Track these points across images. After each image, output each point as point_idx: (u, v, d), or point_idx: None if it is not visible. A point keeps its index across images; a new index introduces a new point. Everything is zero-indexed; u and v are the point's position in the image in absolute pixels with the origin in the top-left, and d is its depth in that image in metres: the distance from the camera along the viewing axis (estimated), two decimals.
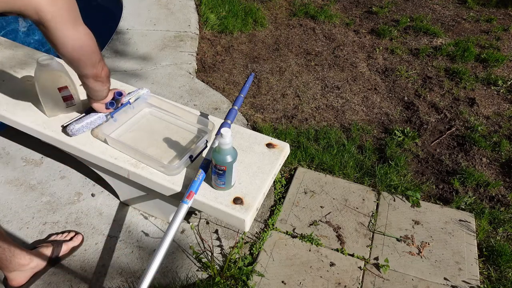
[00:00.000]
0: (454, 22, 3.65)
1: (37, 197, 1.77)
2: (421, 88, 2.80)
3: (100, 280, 1.50)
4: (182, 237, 1.68)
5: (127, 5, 3.29)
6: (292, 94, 2.67)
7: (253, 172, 1.38)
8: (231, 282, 1.54)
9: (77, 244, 1.58)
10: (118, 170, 1.39)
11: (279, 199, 1.93)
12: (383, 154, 2.21)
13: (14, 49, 1.90)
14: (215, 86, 2.63)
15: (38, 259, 1.43)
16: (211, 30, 3.23)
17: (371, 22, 3.62)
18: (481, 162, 2.23)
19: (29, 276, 1.42)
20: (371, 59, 3.09)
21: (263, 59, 3.01)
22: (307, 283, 1.57)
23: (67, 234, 1.60)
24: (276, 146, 1.50)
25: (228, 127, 1.41)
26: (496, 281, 1.64)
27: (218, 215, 1.28)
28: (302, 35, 3.36)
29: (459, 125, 2.48)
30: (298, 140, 2.24)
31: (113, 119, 1.48)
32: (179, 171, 1.34)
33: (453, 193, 2.03)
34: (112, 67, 2.60)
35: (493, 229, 1.86)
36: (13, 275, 1.37)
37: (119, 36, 2.91)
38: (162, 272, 1.55)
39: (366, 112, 2.57)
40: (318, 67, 2.96)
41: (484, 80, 2.88)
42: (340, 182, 2.02)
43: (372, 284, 1.59)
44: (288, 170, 2.09)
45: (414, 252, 1.72)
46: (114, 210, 1.75)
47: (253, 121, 2.39)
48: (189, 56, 2.81)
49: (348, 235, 1.77)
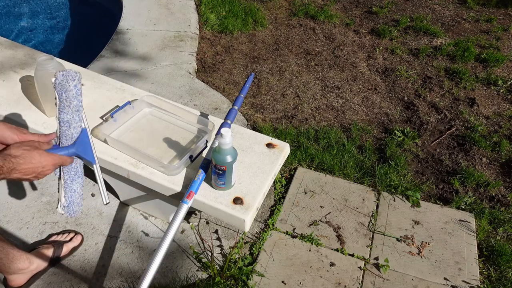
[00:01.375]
0: (454, 22, 3.65)
1: (37, 197, 1.77)
2: (421, 88, 2.80)
3: (100, 280, 1.50)
4: (182, 237, 1.68)
5: (127, 5, 3.28)
6: (292, 94, 2.67)
7: (253, 172, 1.38)
8: (231, 282, 1.54)
9: (77, 244, 1.58)
10: (118, 170, 1.39)
11: (279, 199, 1.93)
12: (383, 154, 2.22)
13: (14, 49, 1.90)
14: (215, 86, 2.63)
15: (38, 261, 1.44)
16: (211, 30, 3.23)
17: (371, 22, 3.62)
18: (481, 162, 2.23)
19: (29, 277, 1.43)
20: (371, 59, 3.09)
21: (263, 59, 3.01)
22: (307, 283, 1.57)
23: (67, 234, 1.60)
24: (276, 146, 1.50)
25: (228, 127, 1.41)
26: (496, 281, 1.64)
27: (218, 215, 1.28)
28: (302, 35, 3.36)
29: (459, 125, 2.48)
30: (298, 140, 2.24)
31: (113, 119, 1.48)
32: (179, 171, 1.34)
33: (453, 193, 2.03)
34: (112, 67, 2.60)
35: (493, 229, 1.86)
36: (13, 277, 1.37)
37: (119, 36, 2.91)
38: (162, 272, 1.55)
39: (366, 112, 2.57)
40: (318, 67, 2.96)
41: (484, 80, 2.88)
42: (340, 182, 2.02)
43: (372, 284, 1.59)
44: (288, 170, 2.09)
45: (414, 252, 1.72)
46: (114, 210, 1.75)
47: (253, 121, 2.39)
48: (189, 56, 2.81)
49: (348, 235, 1.77)
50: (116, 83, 1.76)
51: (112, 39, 2.88)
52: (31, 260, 1.40)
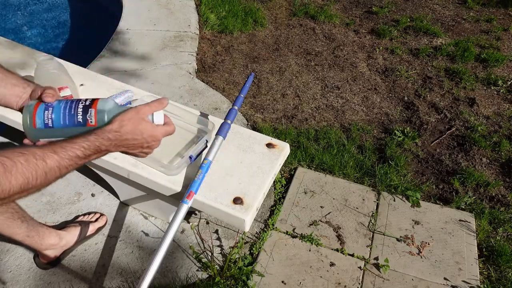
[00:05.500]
0: (454, 22, 3.65)
1: (37, 197, 1.77)
2: (421, 88, 2.80)
3: (100, 280, 1.50)
4: (182, 237, 1.68)
5: (127, 5, 3.28)
6: (292, 94, 2.67)
7: (253, 172, 1.38)
8: (231, 282, 1.54)
9: (102, 224, 1.66)
10: (118, 170, 1.39)
11: (279, 199, 1.93)
12: (383, 154, 2.21)
13: (14, 49, 1.90)
14: (215, 86, 2.63)
15: (67, 237, 1.53)
16: (211, 30, 3.23)
17: (371, 22, 3.62)
18: (481, 162, 2.23)
19: (60, 253, 1.52)
20: (371, 59, 3.09)
21: (263, 59, 3.01)
22: (307, 283, 1.57)
23: (93, 214, 1.68)
24: (276, 146, 1.50)
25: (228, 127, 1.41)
26: (496, 281, 1.64)
27: (218, 215, 1.28)
28: (302, 35, 3.36)
29: (459, 125, 2.48)
30: (298, 140, 2.24)
31: None
32: (179, 171, 1.34)
33: (453, 193, 2.03)
34: (112, 67, 2.60)
35: (493, 229, 1.86)
36: (45, 252, 1.47)
37: (119, 36, 2.91)
38: (162, 272, 1.55)
39: (366, 112, 2.57)
40: (318, 67, 2.96)
41: (484, 80, 2.88)
42: (340, 182, 2.02)
43: (372, 284, 1.59)
44: (288, 170, 2.09)
45: (414, 252, 1.72)
46: (114, 210, 1.75)
47: (253, 121, 2.39)
48: (189, 56, 2.81)
49: (348, 235, 1.77)
50: (116, 83, 1.76)
51: (112, 39, 2.88)
52: (61, 236, 1.50)
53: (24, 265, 1.52)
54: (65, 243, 1.52)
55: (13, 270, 1.50)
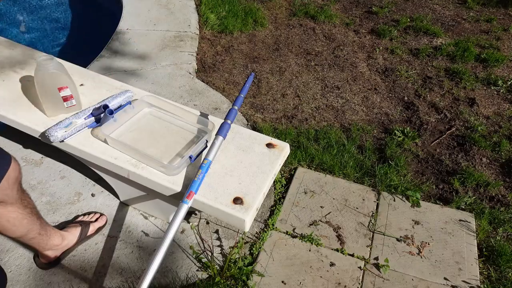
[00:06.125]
0: (454, 22, 3.65)
1: (37, 197, 1.77)
2: (421, 88, 2.80)
3: (100, 280, 1.50)
4: (182, 237, 1.68)
5: (127, 5, 3.28)
6: (292, 94, 2.67)
7: (253, 172, 1.38)
8: (231, 282, 1.54)
9: (102, 224, 1.67)
10: (118, 170, 1.39)
11: (279, 199, 1.93)
12: (383, 154, 2.21)
13: (14, 49, 1.90)
14: (215, 86, 2.63)
15: (69, 237, 1.54)
16: (211, 30, 3.23)
17: (371, 22, 3.62)
18: (481, 162, 2.23)
19: (60, 253, 1.53)
20: (371, 59, 3.09)
21: (263, 59, 3.01)
22: (307, 283, 1.57)
23: (93, 215, 1.69)
24: (276, 146, 1.50)
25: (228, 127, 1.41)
26: (496, 281, 1.64)
27: (218, 215, 1.28)
28: (302, 35, 3.36)
29: (459, 125, 2.48)
30: (298, 140, 2.24)
31: (113, 119, 1.48)
32: (179, 171, 1.34)
33: (453, 193, 2.03)
34: (112, 67, 2.60)
35: (493, 229, 1.86)
36: (47, 253, 1.47)
37: (118, 36, 2.91)
38: (162, 272, 1.55)
39: (366, 112, 2.57)
40: (318, 67, 2.96)
41: (484, 80, 2.88)
42: (340, 182, 2.02)
43: (372, 284, 1.59)
44: (288, 170, 2.09)
45: (414, 252, 1.72)
46: (114, 210, 1.75)
47: (253, 121, 2.39)
48: (189, 56, 2.81)
49: (348, 235, 1.77)
50: (116, 83, 1.76)
51: (112, 39, 2.88)
52: (64, 236, 1.51)
53: (24, 265, 1.52)
54: (66, 243, 1.53)
55: (13, 270, 1.50)
